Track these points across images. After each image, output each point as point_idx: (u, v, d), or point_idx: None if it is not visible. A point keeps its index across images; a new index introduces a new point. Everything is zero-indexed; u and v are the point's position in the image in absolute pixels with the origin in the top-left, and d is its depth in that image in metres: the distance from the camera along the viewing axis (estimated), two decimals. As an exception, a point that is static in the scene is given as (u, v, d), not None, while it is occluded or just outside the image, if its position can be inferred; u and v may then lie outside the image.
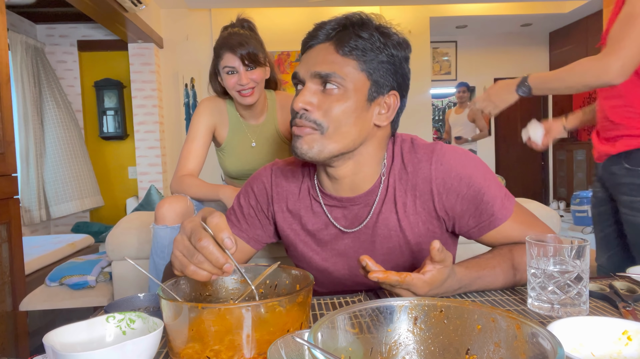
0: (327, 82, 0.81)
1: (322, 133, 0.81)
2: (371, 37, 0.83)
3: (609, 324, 0.60)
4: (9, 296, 2.20)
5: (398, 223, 0.89)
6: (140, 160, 5.03)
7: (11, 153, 2.21)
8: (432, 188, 0.87)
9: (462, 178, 0.87)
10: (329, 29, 0.85)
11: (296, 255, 1.02)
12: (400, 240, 0.91)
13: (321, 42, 0.85)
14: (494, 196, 0.88)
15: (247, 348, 0.56)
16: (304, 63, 0.85)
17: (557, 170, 7.20)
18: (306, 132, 0.81)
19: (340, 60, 0.82)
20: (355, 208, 0.91)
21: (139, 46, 4.92)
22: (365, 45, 0.82)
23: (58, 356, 0.53)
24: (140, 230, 1.78)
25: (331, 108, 0.81)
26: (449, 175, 0.87)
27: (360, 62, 0.83)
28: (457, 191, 0.87)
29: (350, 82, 0.82)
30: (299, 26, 5.84)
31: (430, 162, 0.88)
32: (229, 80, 1.61)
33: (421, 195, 0.88)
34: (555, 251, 0.73)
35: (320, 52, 0.84)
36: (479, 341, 0.52)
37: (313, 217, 0.95)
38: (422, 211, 0.89)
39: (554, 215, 1.79)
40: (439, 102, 7.60)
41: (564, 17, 6.19)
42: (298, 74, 0.85)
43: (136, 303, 0.80)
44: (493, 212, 0.88)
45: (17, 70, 4.40)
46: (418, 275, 0.73)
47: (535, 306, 0.76)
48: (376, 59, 0.84)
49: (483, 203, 0.87)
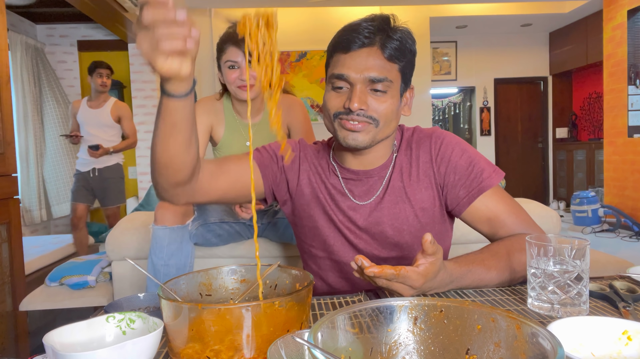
0: (377, 83, 0.91)
1: (377, 126, 0.94)
2: (403, 39, 0.93)
3: (609, 324, 0.60)
4: (9, 296, 2.20)
5: (404, 189, 1.01)
6: (140, 160, 5.03)
7: (11, 153, 2.21)
8: (431, 157, 1.01)
9: (456, 150, 1.00)
10: (368, 33, 0.91)
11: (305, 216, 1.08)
12: (406, 206, 1.01)
13: (366, 46, 0.91)
14: (483, 168, 0.99)
15: (247, 348, 0.56)
16: (352, 67, 0.91)
17: (557, 170, 7.20)
18: (362, 127, 0.93)
19: (387, 64, 0.92)
20: (370, 180, 1.03)
21: (139, 46, 4.93)
22: (403, 47, 0.93)
23: (58, 356, 0.53)
24: (140, 230, 1.78)
25: (381, 106, 0.92)
26: (446, 147, 1.01)
27: (400, 64, 0.94)
28: (452, 161, 0.99)
29: (395, 83, 0.94)
30: (299, 26, 5.84)
31: (430, 138, 1.03)
32: (230, 75, 1.60)
33: (423, 164, 1.01)
34: (555, 251, 0.73)
35: (369, 57, 0.91)
36: (479, 341, 0.52)
37: (331, 187, 1.06)
38: (424, 178, 1.01)
39: (554, 215, 1.79)
40: (439, 102, 7.61)
41: (564, 17, 6.20)
42: (347, 77, 0.91)
43: (136, 303, 0.80)
44: (482, 179, 0.98)
45: (17, 70, 4.41)
46: (412, 268, 0.75)
47: (535, 306, 0.76)
48: (406, 58, 0.95)
49: (473, 173, 0.98)
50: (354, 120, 0.92)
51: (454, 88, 7.30)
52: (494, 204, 0.98)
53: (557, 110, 7.24)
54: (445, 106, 7.64)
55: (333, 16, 5.34)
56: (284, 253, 1.78)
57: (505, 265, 0.89)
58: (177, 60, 0.62)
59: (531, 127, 7.33)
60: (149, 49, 0.61)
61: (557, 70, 6.98)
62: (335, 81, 0.93)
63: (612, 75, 5.12)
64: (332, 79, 0.94)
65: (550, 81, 7.18)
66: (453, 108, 7.63)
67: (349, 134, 0.94)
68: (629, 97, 4.91)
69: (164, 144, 0.78)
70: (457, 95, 7.52)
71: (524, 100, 7.30)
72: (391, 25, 0.93)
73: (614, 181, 5.16)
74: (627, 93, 4.91)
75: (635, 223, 4.70)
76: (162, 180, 0.85)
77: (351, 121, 0.93)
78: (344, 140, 0.95)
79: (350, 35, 0.91)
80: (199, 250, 1.71)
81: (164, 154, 0.79)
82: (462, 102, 7.51)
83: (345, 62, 0.92)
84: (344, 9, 5.24)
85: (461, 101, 7.52)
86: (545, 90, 7.24)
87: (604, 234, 4.95)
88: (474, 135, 7.26)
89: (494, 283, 0.88)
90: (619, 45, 4.96)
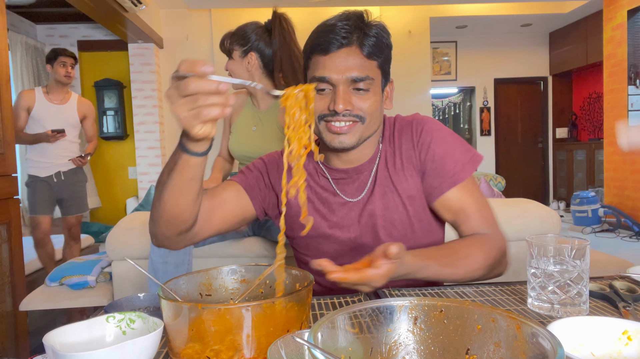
0: (359, 82, 0.92)
1: (363, 123, 0.94)
2: (379, 34, 0.94)
3: (609, 324, 0.60)
4: (9, 296, 2.21)
5: (390, 179, 1.01)
6: (140, 160, 5.03)
7: (11, 153, 2.21)
8: (413, 144, 1.01)
9: (436, 137, 1.00)
10: (345, 33, 0.91)
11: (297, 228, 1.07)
12: (394, 195, 1.01)
13: (344, 46, 0.92)
14: (457, 159, 0.99)
15: (247, 348, 0.56)
16: (333, 69, 0.91)
17: (557, 170, 7.20)
18: (348, 129, 0.94)
19: (367, 62, 0.92)
20: (360, 176, 1.03)
21: (139, 46, 4.93)
22: (380, 43, 0.93)
23: (58, 356, 0.53)
24: (140, 230, 1.78)
25: (366, 103, 0.93)
26: (426, 134, 1.01)
27: (379, 60, 0.94)
28: (432, 148, 0.99)
29: (376, 80, 0.95)
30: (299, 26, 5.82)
31: (411, 125, 1.03)
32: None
33: (406, 151, 1.02)
34: (555, 251, 0.73)
35: (348, 57, 0.91)
36: (479, 341, 0.52)
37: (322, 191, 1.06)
38: (408, 166, 1.01)
39: (554, 215, 1.79)
40: (438, 102, 7.60)
41: (564, 17, 6.19)
42: (329, 79, 0.92)
43: (136, 303, 0.80)
44: (455, 172, 0.98)
45: (17, 70, 4.41)
46: (376, 271, 0.75)
47: (535, 306, 0.76)
48: (384, 54, 0.95)
49: (448, 163, 0.99)
50: (340, 121, 0.93)
51: (454, 88, 7.30)
52: (463, 198, 0.99)
53: (557, 110, 7.24)
54: (445, 106, 7.64)
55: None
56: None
57: (462, 264, 0.91)
58: (211, 125, 0.67)
59: (531, 127, 7.33)
60: (188, 116, 0.64)
61: (557, 70, 6.98)
62: (317, 84, 0.94)
63: (612, 75, 5.12)
64: (313, 82, 0.94)
65: (550, 81, 7.18)
66: (453, 108, 7.63)
67: (336, 137, 0.95)
68: (629, 97, 4.91)
69: (177, 197, 0.82)
70: (457, 95, 7.52)
71: (524, 100, 7.30)
72: (366, 22, 0.93)
73: (614, 181, 5.16)
74: (627, 93, 4.91)
75: (635, 223, 4.70)
76: (167, 231, 0.88)
77: (337, 122, 0.93)
78: (331, 143, 0.96)
79: (327, 37, 0.92)
80: (198, 250, 1.71)
81: (175, 207, 0.83)
82: (462, 102, 7.51)
83: (325, 64, 0.92)
84: (343, 9, 5.24)
85: (461, 101, 7.52)
86: (545, 90, 7.24)
87: (604, 234, 4.95)
88: (474, 135, 7.26)
89: (447, 280, 0.91)
90: (619, 45, 4.96)
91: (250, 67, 1.76)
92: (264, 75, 1.78)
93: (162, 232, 0.88)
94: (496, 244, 0.96)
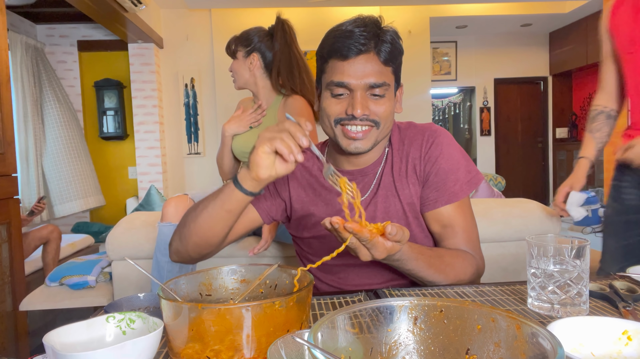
0: (376, 88, 0.94)
1: (378, 128, 0.97)
2: (394, 40, 0.96)
3: (609, 324, 0.60)
4: (9, 296, 2.21)
5: (393, 184, 1.04)
6: (140, 160, 5.03)
7: (11, 153, 2.21)
8: (421, 154, 1.03)
9: (444, 153, 1.02)
10: (364, 39, 0.93)
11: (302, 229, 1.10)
12: (396, 200, 1.03)
13: (363, 52, 0.93)
14: (458, 178, 1.02)
15: (247, 348, 0.56)
16: (351, 74, 0.94)
17: (557, 170, 7.20)
18: (364, 134, 0.96)
19: (383, 68, 0.95)
20: (365, 178, 1.05)
21: (139, 46, 4.92)
22: (394, 50, 0.96)
23: (58, 356, 0.53)
24: (140, 230, 1.78)
25: (381, 108, 0.96)
26: (435, 147, 1.02)
27: (394, 66, 0.98)
28: (438, 163, 1.01)
29: (391, 85, 0.98)
30: (300, 26, 5.81)
31: (423, 134, 1.04)
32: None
33: (412, 159, 1.03)
34: (555, 251, 0.73)
35: (367, 63, 0.94)
36: (479, 341, 0.52)
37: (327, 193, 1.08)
38: (412, 174, 1.03)
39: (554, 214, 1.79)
40: (439, 102, 7.60)
41: (564, 17, 6.19)
42: (348, 84, 0.94)
43: (136, 303, 0.80)
44: (455, 191, 1.01)
45: (17, 70, 4.40)
46: (383, 240, 0.77)
47: (535, 306, 0.76)
48: (398, 60, 0.99)
49: (450, 180, 1.01)
50: (357, 125, 0.96)
51: (454, 88, 7.29)
52: (455, 215, 1.02)
53: (557, 110, 7.23)
54: (445, 106, 7.64)
55: (333, 16, 5.34)
56: (284, 253, 1.79)
57: (443, 269, 0.94)
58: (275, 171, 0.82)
59: (531, 127, 7.33)
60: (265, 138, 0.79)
61: (557, 70, 6.98)
62: (334, 88, 0.96)
63: (612, 75, 5.11)
64: (331, 86, 0.96)
65: (550, 81, 7.18)
66: (453, 108, 7.63)
67: (352, 142, 0.97)
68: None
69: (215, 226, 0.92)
70: (457, 95, 7.52)
71: (524, 100, 7.30)
72: (382, 29, 0.96)
73: (614, 181, 5.15)
74: (627, 94, 4.91)
75: (635, 223, 4.69)
76: (194, 252, 0.97)
77: (354, 127, 0.96)
78: (347, 148, 0.98)
79: (345, 42, 0.93)
80: (199, 250, 1.71)
81: (209, 232, 0.93)
82: (462, 102, 7.51)
83: (344, 69, 0.94)
84: (343, 9, 5.23)
85: (461, 101, 7.52)
86: (545, 90, 7.24)
87: (604, 234, 4.94)
88: (474, 135, 7.26)
89: (426, 279, 0.94)
90: (619, 45, 4.95)
91: (252, 67, 1.86)
92: (265, 75, 1.87)
93: (188, 252, 0.96)
94: (475, 264, 1.00)
